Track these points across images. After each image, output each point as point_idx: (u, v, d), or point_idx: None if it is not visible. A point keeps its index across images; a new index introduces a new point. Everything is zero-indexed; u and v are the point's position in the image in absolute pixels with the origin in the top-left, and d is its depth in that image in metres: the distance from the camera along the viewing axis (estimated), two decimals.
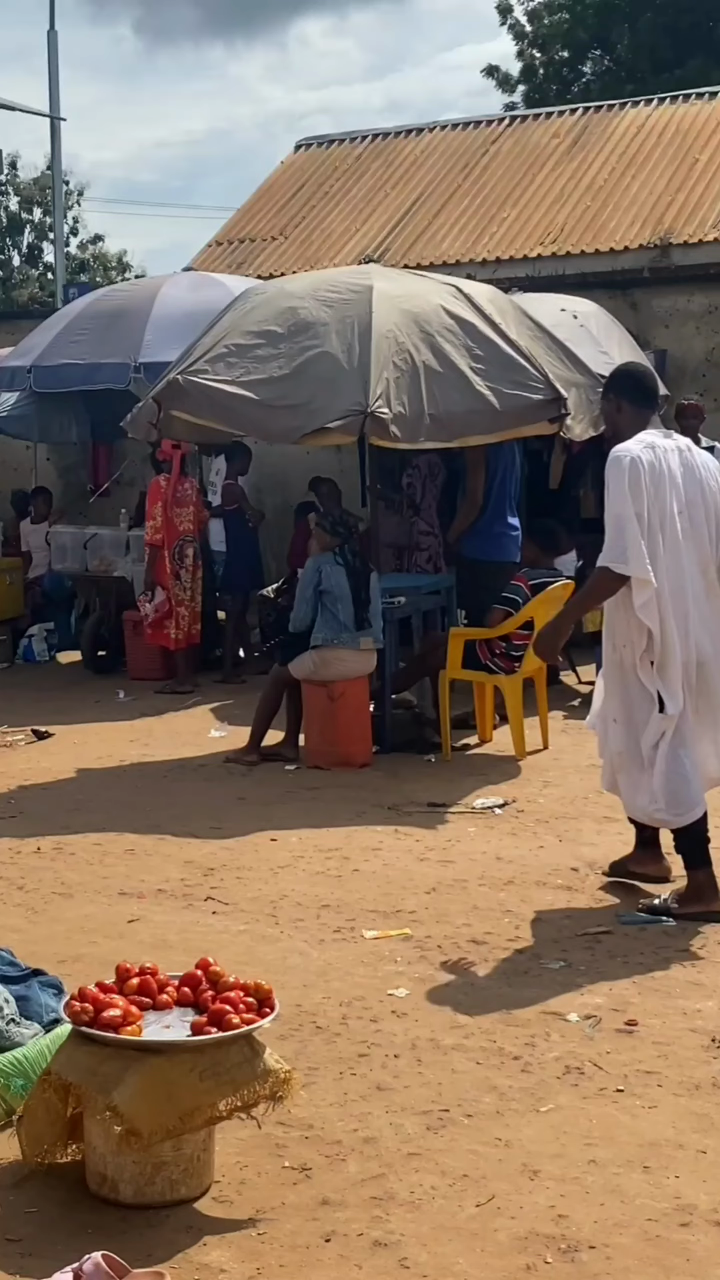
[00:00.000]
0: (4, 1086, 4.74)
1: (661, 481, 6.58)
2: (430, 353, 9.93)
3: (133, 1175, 4.19)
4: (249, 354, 9.98)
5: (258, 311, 10.25)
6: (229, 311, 10.57)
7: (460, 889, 7.16)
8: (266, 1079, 4.31)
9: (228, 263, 20.51)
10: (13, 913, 6.97)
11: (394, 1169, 4.42)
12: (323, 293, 10.26)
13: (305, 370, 9.84)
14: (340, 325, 9.96)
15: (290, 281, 11.03)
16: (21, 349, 14.74)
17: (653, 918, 6.62)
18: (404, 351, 9.86)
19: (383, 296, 10.12)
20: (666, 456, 6.64)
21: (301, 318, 10.10)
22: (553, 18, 34.51)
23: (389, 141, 22.64)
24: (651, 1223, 4.10)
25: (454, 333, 10.12)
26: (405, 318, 10.06)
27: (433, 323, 10.13)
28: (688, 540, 6.62)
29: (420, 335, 10.01)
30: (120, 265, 47.32)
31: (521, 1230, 4.07)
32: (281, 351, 9.94)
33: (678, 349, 15.76)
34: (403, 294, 10.31)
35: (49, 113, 28.12)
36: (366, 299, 10.07)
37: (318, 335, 9.96)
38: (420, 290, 10.51)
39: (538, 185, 20.25)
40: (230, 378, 9.86)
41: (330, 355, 9.83)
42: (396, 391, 9.66)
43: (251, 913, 6.88)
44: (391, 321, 9.96)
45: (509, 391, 9.99)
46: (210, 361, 9.96)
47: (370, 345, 9.76)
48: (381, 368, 9.68)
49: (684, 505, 6.64)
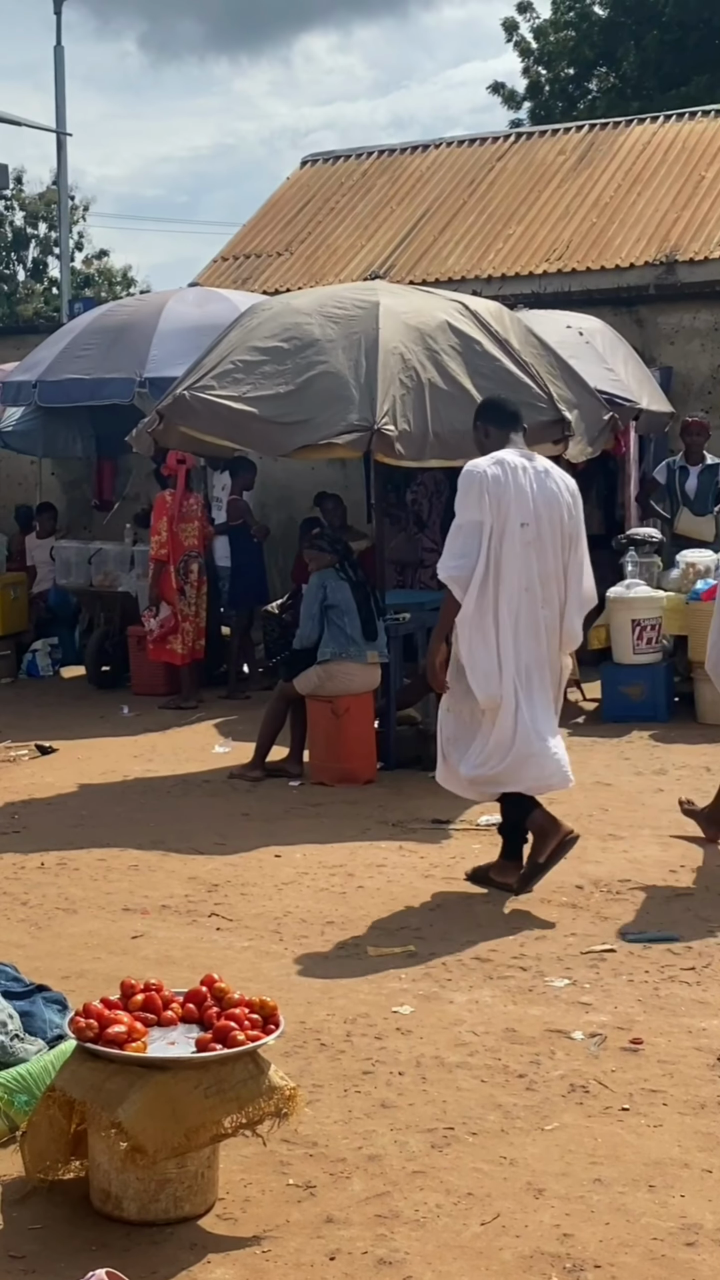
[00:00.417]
0: (8, 1102, 4.73)
1: (505, 494, 7.10)
2: (436, 370, 9.94)
3: (137, 1192, 4.18)
4: (256, 370, 9.99)
5: (264, 327, 10.26)
6: (235, 327, 10.58)
7: (464, 906, 7.15)
8: (271, 1096, 4.30)
9: (233, 278, 20.54)
10: (16, 928, 6.96)
11: (398, 1187, 4.41)
12: (329, 308, 10.27)
13: (311, 386, 9.85)
14: (347, 341, 9.97)
15: (296, 297, 11.03)
16: (27, 364, 14.76)
17: (658, 936, 6.62)
18: (410, 369, 9.87)
19: (389, 313, 10.13)
20: (515, 473, 7.14)
21: (308, 334, 10.11)
22: (559, 35, 34.58)
23: (395, 158, 22.68)
24: (657, 1242, 4.08)
25: (459, 351, 10.13)
26: (411, 334, 10.07)
27: (439, 340, 10.14)
28: (530, 549, 7.16)
29: (426, 353, 10.03)
30: (125, 280, 47.39)
31: (526, 1249, 4.06)
32: (288, 367, 9.96)
33: (683, 366, 15.78)
34: (409, 310, 10.32)
35: (55, 128, 28.19)
36: (373, 315, 10.08)
37: (324, 351, 9.97)
38: (426, 307, 10.52)
39: (543, 202, 20.28)
40: (237, 393, 9.87)
41: (337, 371, 9.84)
42: (402, 409, 9.67)
43: (255, 929, 6.87)
44: (398, 338, 9.98)
45: None
46: (217, 377, 9.97)
47: (377, 361, 9.77)
48: (388, 384, 9.69)
49: (530, 518, 7.14)
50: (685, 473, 13.00)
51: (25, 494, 17.60)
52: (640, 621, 11.60)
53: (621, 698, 11.69)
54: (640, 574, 11.95)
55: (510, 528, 7.10)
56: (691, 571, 11.91)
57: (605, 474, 14.79)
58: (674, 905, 7.08)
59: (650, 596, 11.71)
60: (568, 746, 10.51)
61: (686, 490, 12.93)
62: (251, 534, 13.92)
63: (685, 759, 10.27)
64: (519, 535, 7.11)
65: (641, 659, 11.63)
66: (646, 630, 11.60)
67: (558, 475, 7.31)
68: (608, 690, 11.82)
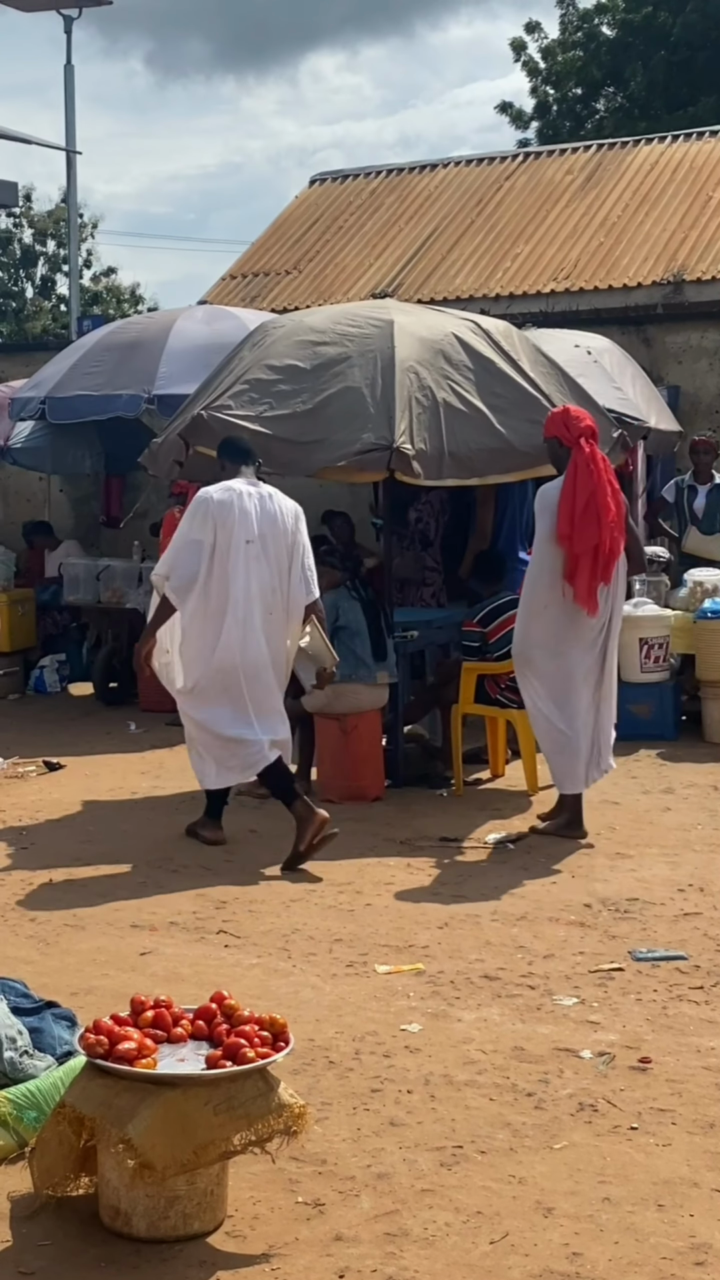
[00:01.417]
0: (17, 1119, 4.74)
1: (229, 516, 8.38)
2: (449, 390, 9.93)
3: (146, 1209, 4.19)
4: (272, 389, 9.96)
5: (279, 345, 10.23)
6: (247, 345, 10.56)
7: (473, 924, 7.15)
8: (281, 1113, 4.30)
9: (242, 296, 20.58)
10: (24, 944, 6.97)
11: (407, 1205, 4.41)
12: (343, 326, 10.24)
13: (329, 405, 9.81)
14: (363, 360, 9.94)
15: (309, 315, 11.01)
16: (36, 380, 14.78)
17: (666, 955, 6.61)
18: (425, 387, 9.86)
19: (404, 331, 10.11)
20: (240, 498, 8.44)
21: (324, 352, 10.08)
22: (567, 55, 34.68)
23: (403, 177, 22.74)
24: (666, 1261, 4.08)
25: (472, 369, 10.12)
26: (426, 353, 10.05)
27: (452, 358, 10.12)
28: (256, 564, 8.41)
29: (440, 371, 10.01)
30: (133, 298, 47.49)
31: (535, 1268, 4.05)
32: (305, 386, 9.92)
33: (690, 385, 15.79)
34: (423, 329, 10.30)
35: (65, 146, 28.27)
36: (388, 333, 10.05)
37: (340, 370, 9.93)
38: (439, 325, 10.51)
39: (551, 221, 20.32)
40: (254, 413, 9.83)
41: (354, 390, 9.81)
42: (419, 427, 9.65)
43: (264, 946, 6.87)
44: (413, 357, 9.96)
45: (527, 430, 9.97)
46: (233, 397, 9.93)
47: (394, 380, 9.74)
48: (405, 403, 9.67)
49: (254, 537, 8.41)
50: (694, 491, 13.00)
51: (34, 510, 17.60)
52: (648, 640, 11.60)
53: (629, 716, 11.64)
54: (648, 593, 11.95)
55: (236, 544, 8.37)
56: (699, 590, 11.91)
57: None
58: (682, 924, 7.08)
59: (658, 615, 11.71)
60: None
61: (695, 509, 12.94)
62: None
63: (693, 778, 10.28)
64: (244, 550, 8.38)
65: (649, 677, 11.63)
66: (654, 649, 11.60)
67: (280, 500, 8.59)
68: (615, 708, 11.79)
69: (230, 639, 8.37)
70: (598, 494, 8.60)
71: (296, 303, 19.19)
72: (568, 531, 8.52)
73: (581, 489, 8.59)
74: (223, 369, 10.50)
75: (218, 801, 8.88)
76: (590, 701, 8.81)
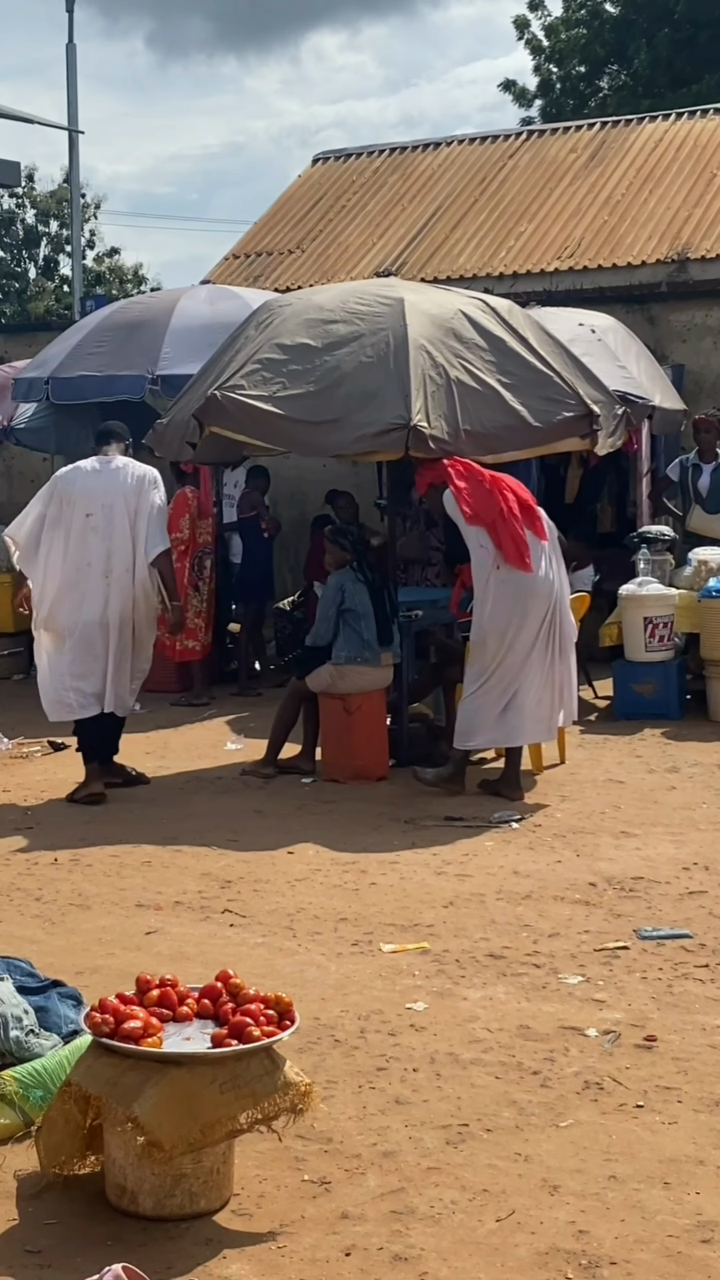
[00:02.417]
0: (23, 1097, 4.74)
1: (72, 490, 9.55)
2: (462, 368, 9.87)
3: (152, 1187, 4.19)
4: (284, 369, 9.87)
5: (288, 325, 10.15)
6: (252, 324, 10.49)
7: (477, 903, 7.15)
8: (287, 1092, 4.31)
9: (244, 276, 20.52)
10: (30, 924, 6.97)
11: (413, 1183, 4.41)
12: (352, 305, 10.16)
13: (342, 384, 9.74)
14: (375, 339, 9.87)
15: (317, 294, 10.94)
16: (39, 361, 14.75)
17: (672, 933, 6.61)
18: (437, 365, 9.79)
19: (414, 309, 10.04)
20: (85, 476, 9.60)
21: (334, 331, 10.01)
22: (570, 33, 34.52)
23: (406, 155, 22.65)
24: (673, 1239, 4.08)
25: (483, 347, 10.06)
26: (437, 331, 9.99)
27: (463, 337, 10.06)
28: (94, 535, 9.44)
29: (451, 350, 9.95)
30: (136, 278, 47.36)
31: (542, 1245, 4.06)
32: (317, 365, 9.84)
33: (695, 364, 15.76)
34: (432, 307, 10.24)
35: (68, 125, 28.19)
36: (399, 311, 9.98)
37: (352, 349, 9.85)
38: (448, 303, 10.45)
39: (555, 199, 20.24)
40: (267, 393, 9.76)
41: (366, 369, 9.73)
42: (434, 405, 9.60)
43: (269, 925, 6.88)
44: (425, 335, 9.90)
45: (541, 407, 9.94)
46: (245, 376, 9.84)
47: (407, 359, 9.67)
48: (420, 381, 9.61)
49: (95, 509, 9.44)
50: (699, 470, 12.97)
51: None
52: (652, 619, 11.58)
53: (633, 695, 11.68)
54: (653, 571, 11.94)
55: (77, 516, 9.47)
56: (704, 569, 11.90)
57: (617, 472, 14.79)
58: (687, 903, 7.08)
59: (663, 594, 11.69)
60: (579, 744, 10.63)
61: (699, 488, 12.91)
62: (263, 527, 13.91)
63: (697, 756, 10.27)
64: (85, 524, 9.44)
65: (654, 656, 11.62)
66: (659, 628, 11.59)
67: (130, 469, 9.60)
68: (620, 687, 11.81)
69: (76, 599, 9.47)
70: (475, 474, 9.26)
71: (299, 282, 19.13)
72: (471, 510, 9.13)
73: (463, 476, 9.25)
74: (228, 348, 10.45)
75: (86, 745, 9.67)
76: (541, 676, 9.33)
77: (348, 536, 10.20)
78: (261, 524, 13.93)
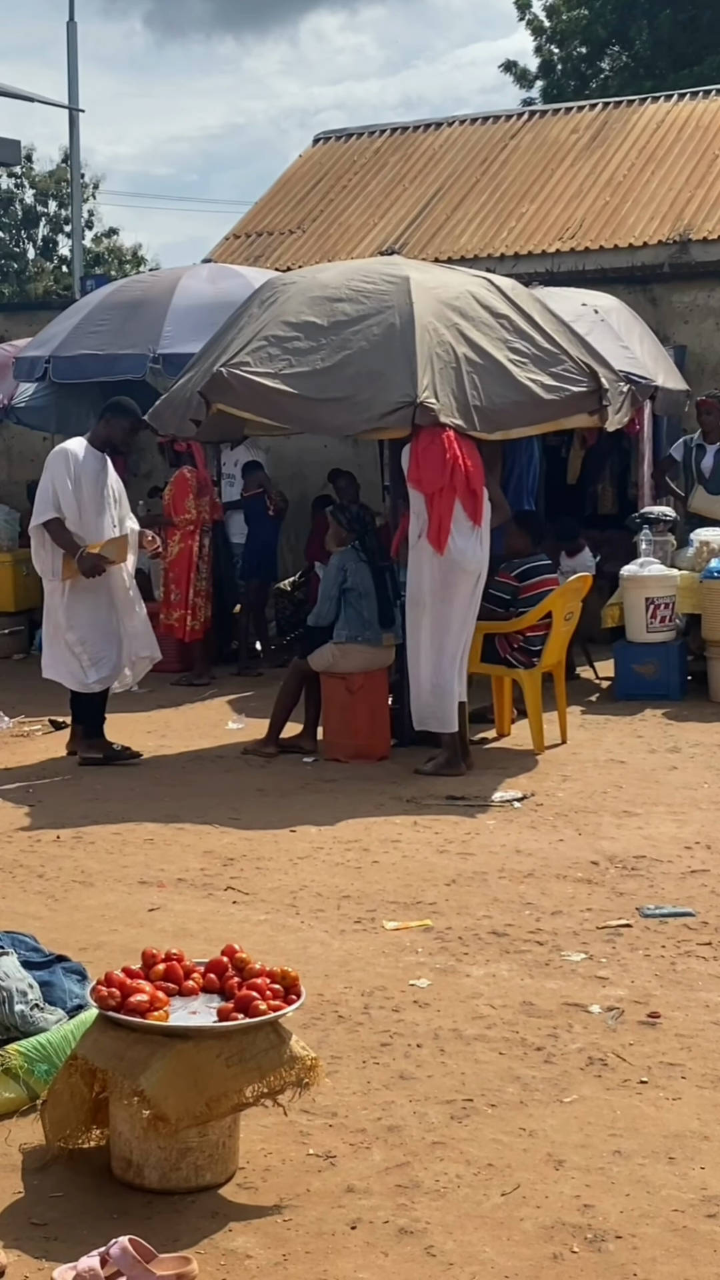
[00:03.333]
0: (28, 1071, 4.74)
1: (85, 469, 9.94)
2: (469, 345, 9.82)
3: (158, 1161, 4.19)
4: (290, 346, 9.80)
5: (293, 303, 10.09)
6: (255, 302, 10.44)
7: (480, 881, 7.15)
8: (293, 1066, 4.31)
9: (245, 256, 20.46)
10: (33, 900, 6.98)
11: (418, 1157, 4.42)
12: (357, 283, 10.09)
13: (349, 362, 9.68)
14: (381, 316, 9.80)
15: (321, 271, 10.88)
16: (40, 339, 14.74)
17: (674, 911, 6.62)
18: (445, 343, 9.74)
19: (420, 287, 9.99)
20: None
21: (340, 309, 9.95)
22: (571, 13, 34.40)
23: (407, 135, 22.58)
24: (678, 1213, 4.09)
25: (489, 325, 10.02)
26: (443, 309, 9.94)
27: (469, 314, 10.02)
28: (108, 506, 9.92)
29: (458, 327, 9.89)
30: (135, 259, 47.29)
31: (547, 1219, 4.06)
32: (323, 343, 9.78)
33: (697, 345, 15.75)
34: (438, 285, 10.20)
35: (68, 104, 28.11)
36: (405, 289, 9.93)
37: (359, 327, 9.79)
38: (453, 282, 10.40)
39: (556, 180, 20.18)
40: (273, 370, 9.69)
41: (373, 347, 9.67)
42: (442, 382, 9.56)
43: (271, 903, 6.88)
44: (431, 313, 9.84)
45: (550, 383, 9.89)
46: (252, 354, 9.78)
47: (414, 336, 9.61)
48: (427, 359, 9.56)
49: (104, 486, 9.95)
50: (702, 451, 12.95)
51: (38, 470, 17.35)
52: (654, 600, 11.59)
53: (635, 676, 11.68)
54: (654, 552, 11.93)
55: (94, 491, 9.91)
56: (705, 550, 11.89)
57: (619, 453, 14.77)
58: (689, 881, 7.09)
59: (664, 575, 11.70)
60: (580, 725, 10.64)
61: (702, 469, 12.89)
62: (267, 504, 13.89)
63: (698, 737, 10.27)
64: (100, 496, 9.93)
65: (655, 637, 11.63)
66: (660, 608, 11.59)
67: None
68: (621, 668, 11.82)
69: None
70: (443, 446, 9.34)
71: (300, 262, 19.07)
72: (418, 474, 9.35)
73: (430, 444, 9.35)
74: (231, 326, 10.40)
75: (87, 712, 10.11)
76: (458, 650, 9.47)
77: (349, 514, 10.19)
78: (267, 502, 13.90)
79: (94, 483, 9.88)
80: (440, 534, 9.27)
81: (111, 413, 10.09)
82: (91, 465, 9.91)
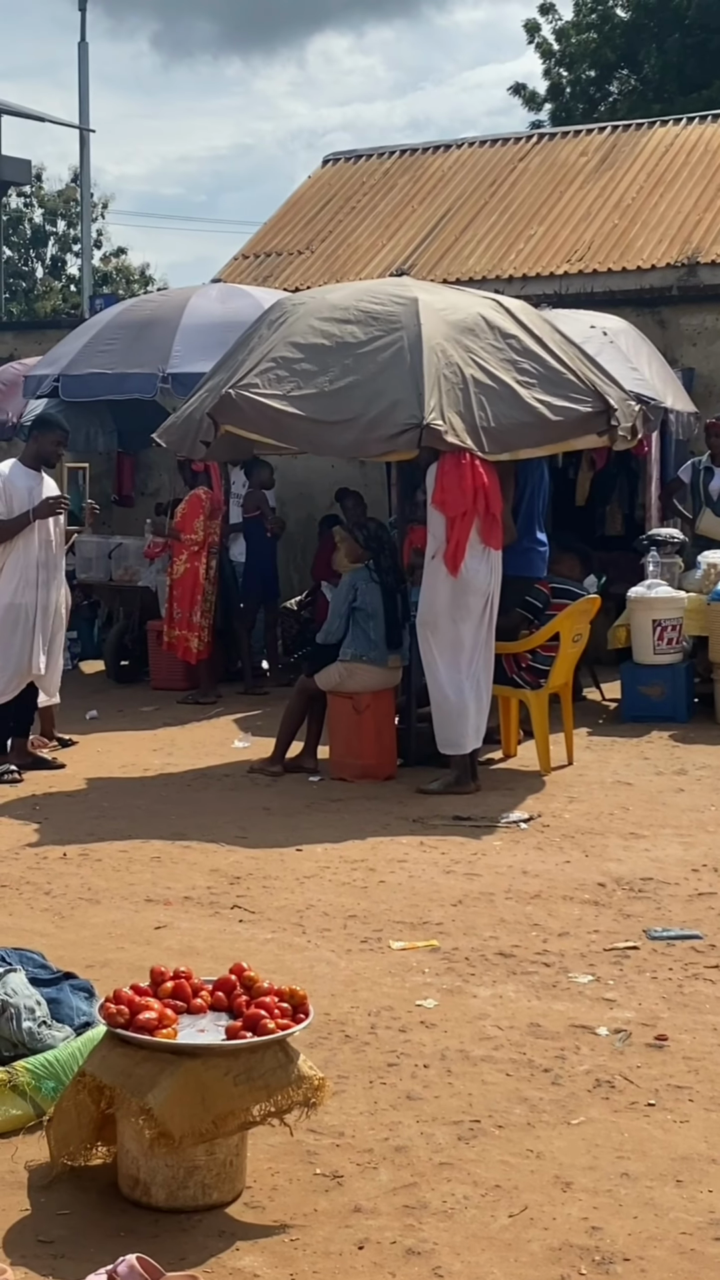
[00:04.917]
0: (35, 1088, 4.74)
1: None
2: (477, 366, 9.81)
3: (165, 1179, 4.19)
4: (298, 368, 9.80)
5: (301, 324, 10.08)
6: (265, 323, 10.45)
7: (487, 902, 7.15)
8: (300, 1085, 4.30)
9: (254, 276, 20.52)
10: (40, 917, 6.97)
11: (426, 1178, 4.41)
12: (366, 304, 10.09)
13: (357, 384, 9.65)
14: (389, 338, 9.80)
15: (329, 292, 10.88)
16: (49, 358, 14.77)
17: (682, 934, 6.61)
18: (452, 364, 9.74)
19: (428, 308, 10.00)
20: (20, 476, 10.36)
21: (348, 330, 9.94)
22: (580, 37, 34.53)
23: (416, 157, 22.65)
24: (685, 1236, 4.08)
25: (498, 346, 10.01)
26: (451, 330, 9.94)
27: (478, 335, 10.01)
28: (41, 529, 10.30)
29: (466, 348, 9.89)
30: (143, 279, 47.43)
31: (555, 1241, 4.05)
32: (331, 364, 9.77)
33: (705, 367, 15.76)
34: (446, 307, 10.20)
35: (79, 124, 28.21)
36: (413, 311, 9.93)
37: (367, 348, 9.78)
38: (462, 303, 10.40)
39: (565, 202, 20.25)
40: (281, 392, 9.69)
41: (382, 368, 9.65)
42: (450, 403, 9.56)
43: (278, 922, 6.87)
44: (440, 334, 9.85)
45: (558, 404, 9.88)
46: (260, 375, 9.77)
47: (422, 358, 9.62)
48: (434, 380, 9.57)
49: None
50: (710, 473, 12.96)
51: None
52: (661, 621, 11.59)
53: (641, 698, 11.68)
54: (661, 574, 11.94)
55: None
56: (713, 572, 11.90)
57: (627, 474, 14.78)
58: (697, 904, 7.08)
59: (671, 597, 11.70)
60: (587, 746, 10.64)
61: (710, 491, 12.90)
62: (266, 527, 13.91)
63: (706, 759, 10.27)
64: None
65: (662, 659, 11.63)
66: (667, 630, 11.59)
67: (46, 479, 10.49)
68: (628, 690, 11.81)
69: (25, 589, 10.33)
70: (469, 472, 9.40)
71: (309, 282, 19.12)
72: (441, 496, 9.35)
73: (456, 467, 9.40)
74: (241, 347, 10.42)
75: None
76: (477, 671, 9.48)
77: (366, 531, 10.18)
78: (265, 524, 13.93)
79: (26, 501, 10.24)
80: (456, 556, 9.30)
81: (39, 428, 10.59)
82: (23, 483, 10.30)
